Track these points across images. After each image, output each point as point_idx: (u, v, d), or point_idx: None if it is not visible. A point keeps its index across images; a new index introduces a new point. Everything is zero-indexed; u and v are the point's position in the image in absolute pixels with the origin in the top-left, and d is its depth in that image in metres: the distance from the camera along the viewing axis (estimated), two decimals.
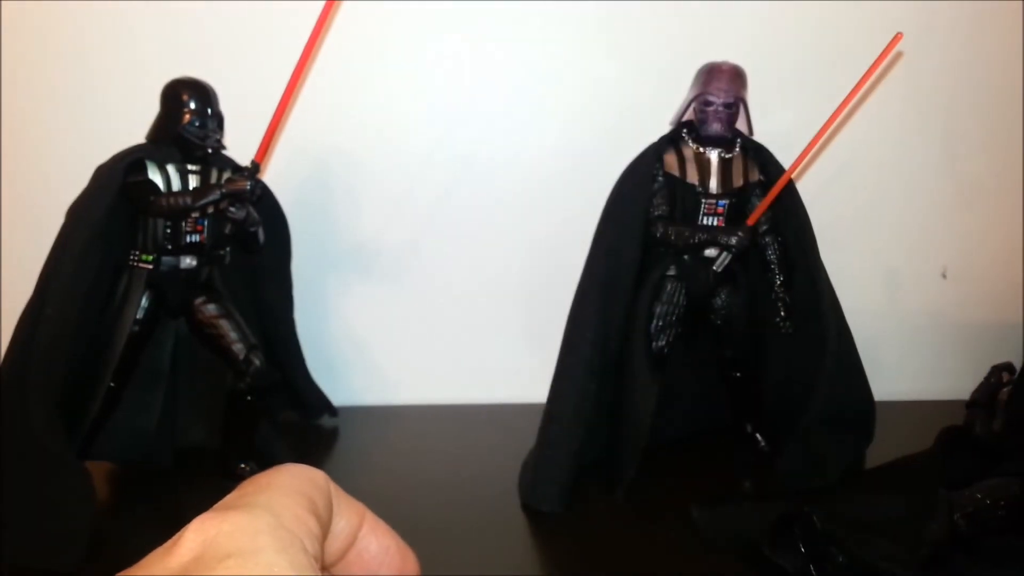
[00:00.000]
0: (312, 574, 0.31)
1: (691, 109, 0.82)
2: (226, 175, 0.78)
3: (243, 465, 0.80)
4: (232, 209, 0.74)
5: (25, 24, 0.92)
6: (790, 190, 0.82)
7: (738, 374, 0.91)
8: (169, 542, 0.30)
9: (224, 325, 0.79)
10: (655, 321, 0.85)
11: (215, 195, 0.73)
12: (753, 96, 0.82)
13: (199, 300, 0.79)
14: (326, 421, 0.98)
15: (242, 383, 0.80)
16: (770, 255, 0.86)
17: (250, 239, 0.80)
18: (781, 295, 0.86)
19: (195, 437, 0.86)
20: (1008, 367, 0.96)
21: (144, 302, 0.77)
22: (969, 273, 1.16)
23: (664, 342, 0.85)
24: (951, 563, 0.69)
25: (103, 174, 0.69)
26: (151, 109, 0.95)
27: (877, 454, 0.89)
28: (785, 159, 0.81)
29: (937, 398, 1.10)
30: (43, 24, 0.92)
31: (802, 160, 0.76)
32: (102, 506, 0.75)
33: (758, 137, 0.85)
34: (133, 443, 0.83)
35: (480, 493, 0.82)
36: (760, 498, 0.83)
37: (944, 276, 1.16)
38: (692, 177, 0.82)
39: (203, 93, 0.76)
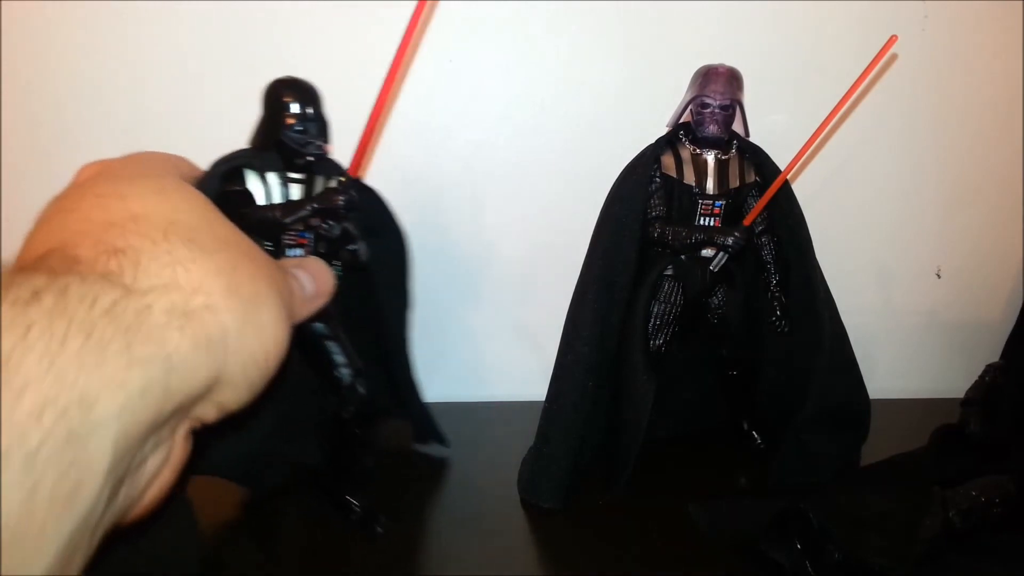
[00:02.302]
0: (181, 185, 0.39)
1: (688, 111, 0.83)
2: (332, 185, 0.72)
3: (350, 497, 0.75)
4: (325, 226, 0.68)
5: (25, 23, 0.92)
6: (786, 191, 0.83)
7: (734, 372, 0.92)
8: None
9: (331, 347, 0.73)
10: (652, 320, 0.86)
11: (305, 211, 0.67)
12: (749, 98, 0.82)
13: None
14: None
15: (345, 411, 0.74)
16: (766, 255, 0.87)
17: (350, 257, 0.72)
18: (777, 294, 0.86)
19: (309, 457, 0.80)
20: (1003, 366, 0.97)
21: None
22: (963, 272, 1.17)
23: (662, 341, 0.86)
24: (946, 560, 0.70)
25: (203, 182, 0.63)
26: (153, 110, 0.96)
27: (872, 451, 0.90)
28: (781, 160, 0.82)
29: (932, 396, 1.11)
30: (43, 23, 0.92)
31: (797, 161, 0.76)
32: (206, 526, 0.75)
33: (754, 139, 0.86)
34: (240, 460, 0.76)
35: (479, 489, 0.83)
36: (756, 495, 0.83)
37: (939, 275, 1.17)
38: (689, 178, 0.82)
39: (304, 94, 0.70)
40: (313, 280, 0.47)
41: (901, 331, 1.18)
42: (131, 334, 0.28)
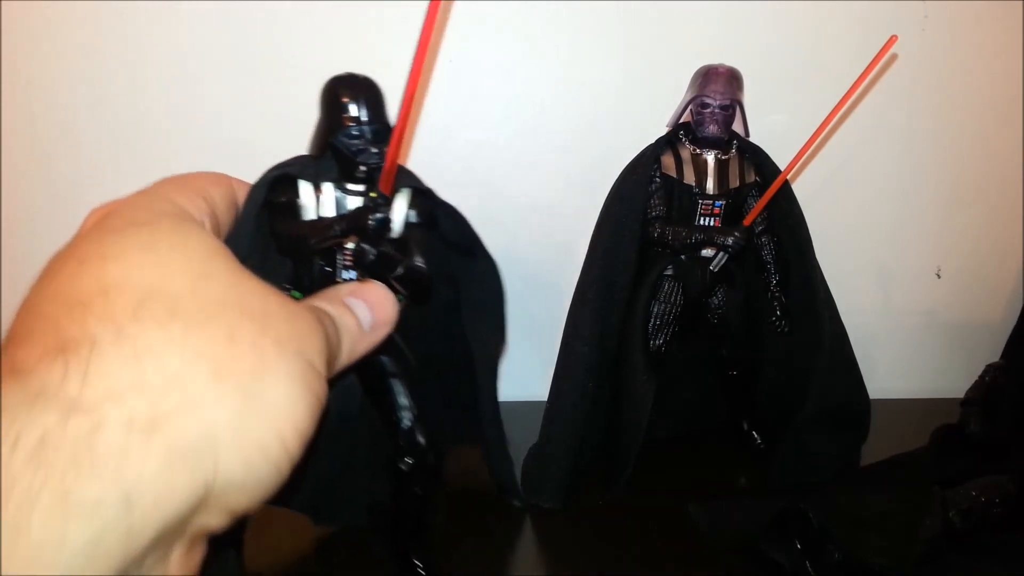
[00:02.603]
0: (193, 216, 0.37)
1: (688, 111, 0.83)
2: (401, 198, 0.62)
3: (415, 560, 0.67)
4: (361, 247, 0.57)
5: (25, 23, 0.92)
6: (786, 191, 0.83)
7: (734, 372, 0.92)
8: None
9: (395, 386, 0.65)
10: (652, 320, 0.86)
11: (334, 231, 0.57)
12: (749, 98, 0.82)
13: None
14: None
15: (402, 463, 0.65)
16: (766, 255, 0.87)
17: (398, 283, 0.60)
18: (777, 295, 0.86)
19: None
20: (1003, 366, 0.97)
21: None
22: (963, 272, 1.17)
23: (662, 341, 0.86)
24: (946, 560, 0.70)
25: (253, 190, 0.56)
26: (153, 110, 0.96)
27: (872, 451, 0.90)
28: (781, 160, 0.82)
29: (932, 396, 1.12)
30: (43, 23, 0.92)
31: (798, 161, 0.76)
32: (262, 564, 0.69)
33: (754, 139, 0.86)
34: (318, 495, 0.69)
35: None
36: (756, 495, 0.84)
37: (939, 275, 1.17)
38: (689, 178, 0.82)
39: (361, 92, 0.60)
40: (371, 309, 0.42)
41: (901, 331, 1.18)
42: (70, 475, 0.23)
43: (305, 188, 0.60)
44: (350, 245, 0.59)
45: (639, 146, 0.84)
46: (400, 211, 0.62)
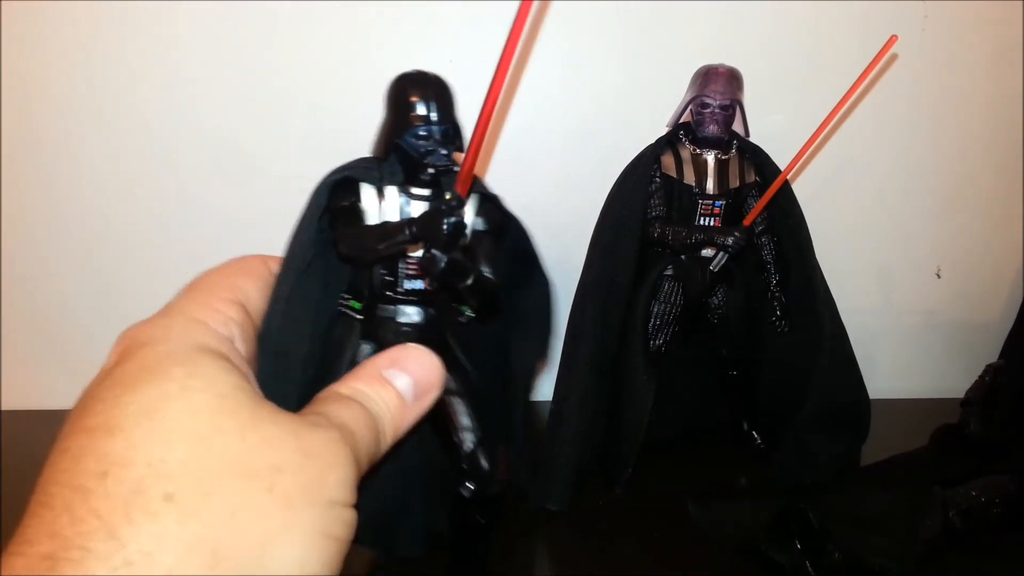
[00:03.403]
0: (212, 343, 0.36)
1: (688, 111, 0.83)
2: (471, 204, 0.58)
3: None
4: (431, 254, 0.52)
5: (25, 23, 0.92)
6: (786, 191, 0.83)
7: (735, 372, 0.92)
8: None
9: (456, 405, 0.59)
10: (653, 320, 0.86)
11: (403, 236, 0.52)
12: (749, 98, 0.82)
13: None
14: None
15: (464, 489, 0.60)
16: (766, 255, 0.87)
17: (463, 295, 0.55)
18: (777, 295, 0.86)
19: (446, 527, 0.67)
20: (1003, 366, 0.97)
21: (360, 360, 0.56)
22: (963, 272, 1.17)
23: (662, 341, 0.86)
24: (946, 560, 0.70)
25: (313, 194, 0.53)
26: (153, 110, 0.96)
27: (872, 451, 0.90)
28: (781, 160, 0.82)
29: (932, 396, 1.12)
30: (43, 23, 0.92)
31: (797, 161, 0.76)
32: None
33: (754, 139, 0.86)
34: (375, 522, 0.64)
35: None
36: (757, 495, 0.84)
37: (939, 275, 1.17)
38: (689, 178, 0.82)
39: (429, 91, 0.57)
40: (413, 376, 0.40)
41: (901, 331, 1.18)
42: None
43: (367, 192, 0.56)
44: (417, 252, 0.53)
45: (639, 146, 0.84)
46: (468, 218, 0.57)
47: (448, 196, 0.51)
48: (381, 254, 0.54)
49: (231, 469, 0.29)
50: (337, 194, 0.55)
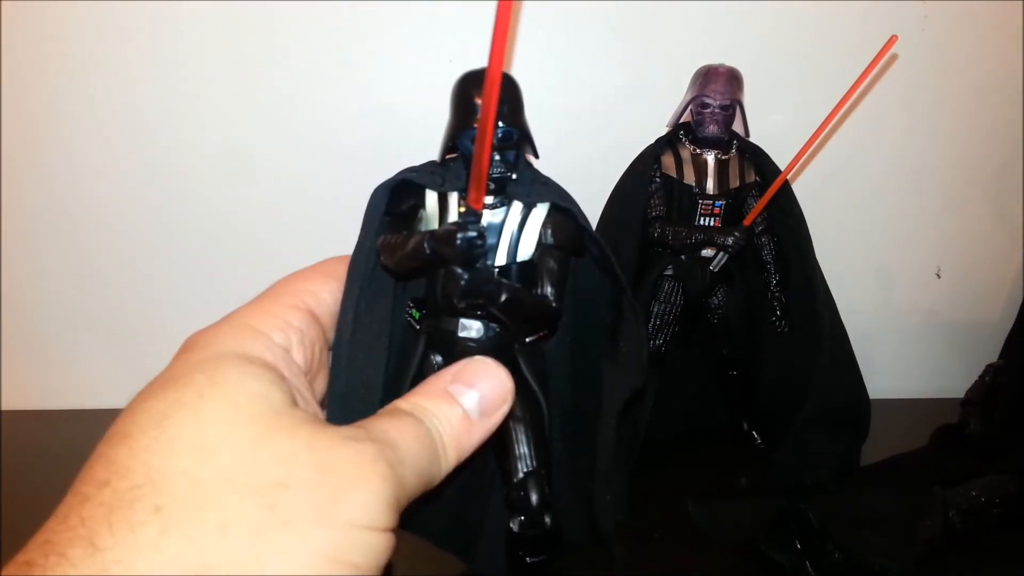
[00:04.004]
0: (254, 351, 0.35)
1: (688, 111, 0.83)
2: (539, 213, 0.54)
3: None
4: (452, 272, 0.47)
5: (25, 23, 0.92)
6: (786, 191, 0.83)
7: (734, 372, 0.92)
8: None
9: (516, 430, 0.54)
10: (653, 320, 0.86)
11: (421, 251, 0.47)
12: (749, 98, 0.82)
13: None
14: None
15: (513, 522, 0.55)
16: (766, 255, 0.87)
17: (502, 315, 0.50)
18: (777, 295, 0.86)
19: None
20: (1002, 366, 0.97)
21: (426, 372, 0.52)
22: (963, 272, 1.17)
23: (662, 341, 0.86)
24: (946, 560, 0.70)
25: (372, 197, 0.49)
26: (153, 110, 0.96)
27: (872, 451, 0.90)
28: (781, 160, 0.82)
29: (932, 396, 1.12)
30: (43, 24, 0.92)
31: (797, 161, 0.76)
32: None
33: (754, 139, 0.86)
34: (453, 527, 0.61)
35: None
36: (756, 495, 0.84)
37: (939, 275, 1.17)
38: (689, 178, 0.82)
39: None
40: (480, 391, 0.37)
41: (901, 331, 1.18)
42: None
43: (431, 197, 0.51)
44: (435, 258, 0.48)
45: (639, 146, 0.84)
46: (533, 230, 0.53)
47: (462, 210, 0.47)
48: (409, 267, 0.49)
49: (231, 483, 0.28)
50: (397, 198, 0.51)
